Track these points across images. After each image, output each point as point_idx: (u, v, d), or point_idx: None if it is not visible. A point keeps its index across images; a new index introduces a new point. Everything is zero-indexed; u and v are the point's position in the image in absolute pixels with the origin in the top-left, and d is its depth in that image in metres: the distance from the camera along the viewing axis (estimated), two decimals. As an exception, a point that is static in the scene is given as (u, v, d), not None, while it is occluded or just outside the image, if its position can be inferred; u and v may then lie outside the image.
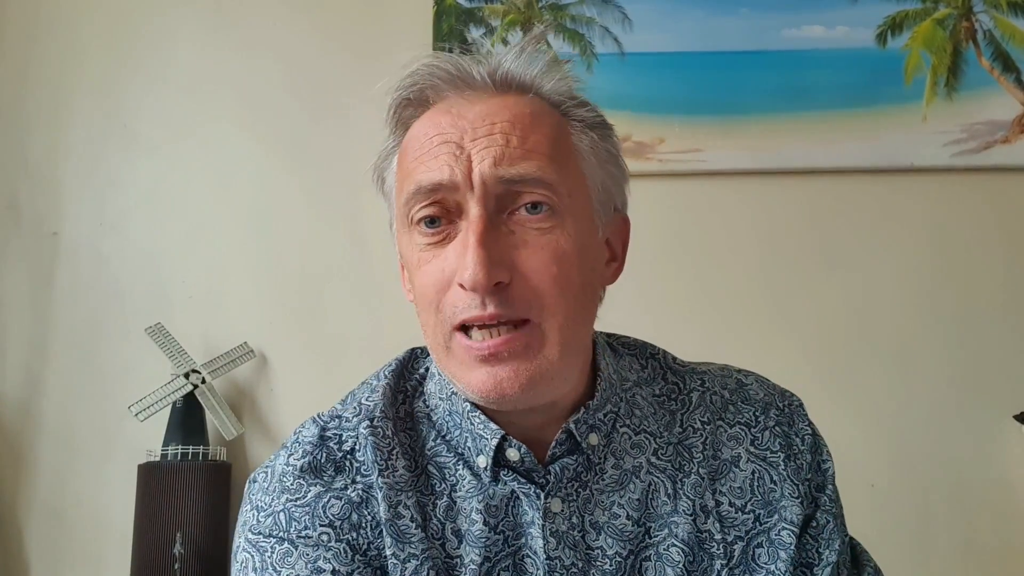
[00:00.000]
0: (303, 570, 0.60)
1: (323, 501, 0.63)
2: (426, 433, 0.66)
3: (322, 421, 0.67)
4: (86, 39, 1.88)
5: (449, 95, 0.63)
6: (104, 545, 1.70)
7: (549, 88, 0.64)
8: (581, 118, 0.65)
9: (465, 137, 0.59)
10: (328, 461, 0.64)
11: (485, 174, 0.58)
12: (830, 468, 0.70)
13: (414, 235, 0.61)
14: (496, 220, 0.58)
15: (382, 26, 1.83)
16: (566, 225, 0.59)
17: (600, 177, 0.65)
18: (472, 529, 0.62)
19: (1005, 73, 1.74)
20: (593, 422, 0.64)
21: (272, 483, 0.64)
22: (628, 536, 0.63)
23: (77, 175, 1.85)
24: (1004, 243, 1.71)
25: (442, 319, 0.59)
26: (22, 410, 1.78)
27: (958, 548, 1.62)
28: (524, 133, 0.59)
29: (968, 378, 1.66)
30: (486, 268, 0.55)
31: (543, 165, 0.59)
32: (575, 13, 1.80)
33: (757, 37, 1.78)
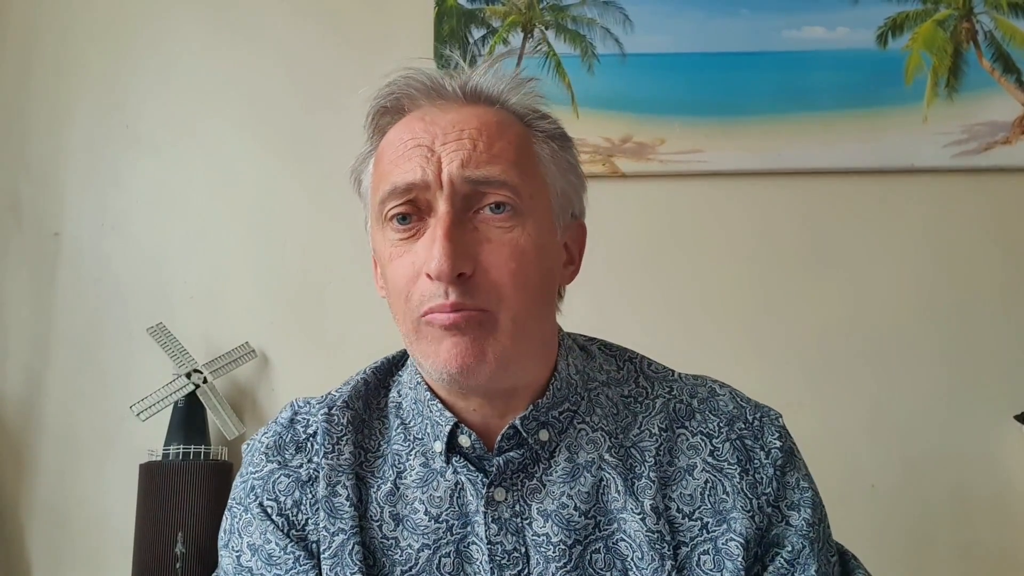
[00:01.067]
0: (257, 539, 0.68)
1: (274, 477, 0.71)
2: (391, 423, 0.73)
3: (297, 405, 0.75)
4: (87, 39, 1.89)
5: (423, 104, 0.69)
6: (105, 545, 1.71)
7: (515, 101, 0.70)
8: (543, 129, 0.71)
9: (436, 141, 0.65)
10: (291, 441, 0.72)
11: (453, 174, 0.63)
12: (808, 492, 0.69)
13: (387, 231, 0.67)
14: (462, 217, 0.64)
15: (383, 27, 1.84)
16: (526, 225, 0.65)
17: (560, 184, 0.70)
18: (413, 517, 0.67)
19: (1006, 74, 1.75)
20: (545, 419, 0.69)
21: (248, 455, 0.74)
22: (575, 526, 0.66)
23: (78, 175, 1.85)
24: (1004, 244, 1.71)
25: (411, 307, 0.65)
26: (23, 410, 1.78)
27: (959, 549, 1.62)
28: (490, 139, 0.65)
29: (968, 379, 1.67)
30: (451, 259, 0.61)
31: (507, 169, 0.64)
32: (576, 14, 1.80)
33: (758, 38, 1.78)
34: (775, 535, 0.67)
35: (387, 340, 1.85)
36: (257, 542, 0.68)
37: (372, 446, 0.72)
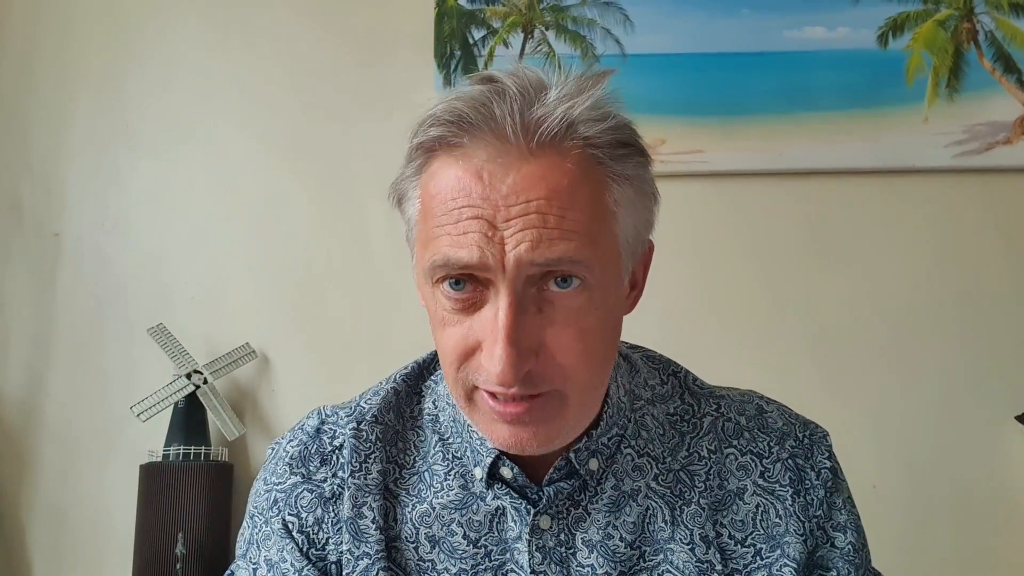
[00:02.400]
0: (275, 555, 0.65)
1: (297, 491, 0.66)
2: (429, 436, 0.68)
3: (324, 414, 0.70)
4: (87, 39, 1.89)
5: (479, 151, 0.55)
6: (106, 545, 1.71)
7: (592, 138, 0.57)
8: (623, 172, 0.59)
9: (498, 216, 0.53)
10: (316, 453, 0.67)
11: (521, 259, 0.53)
12: (853, 515, 0.68)
13: (437, 294, 0.57)
14: (525, 299, 0.55)
15: (383, 27, 1.83)
16: (594, 298, 0.56)
17: (631, 224, 0.60)
18: (450, 539, 0.63)
19: (1006, 74, 1.74)
20: (596, 447, 0.64)
21: (272, 461, 0.69)
22: (620, 557, 0.63)
23: (79, 176, 1.85)
24: (1005, 244, 1.71)
25: (463, 377, 0.58)
26: (24, 410, 1.78)
27: (960, 549, 1.61)
28: (562, 211, 0.54)
29: (970, 379, 1.66)
30: (515, 368, 0.53)
31: (580, 246, 0.54)
32: (576, 15, 1.80)
33: (758, 38, 1.78)
34: (819, 556, 0.65)
35: (387, 340, 1.86)
36: (274, 558, 0.65)
37: (407, 461, 0.67)
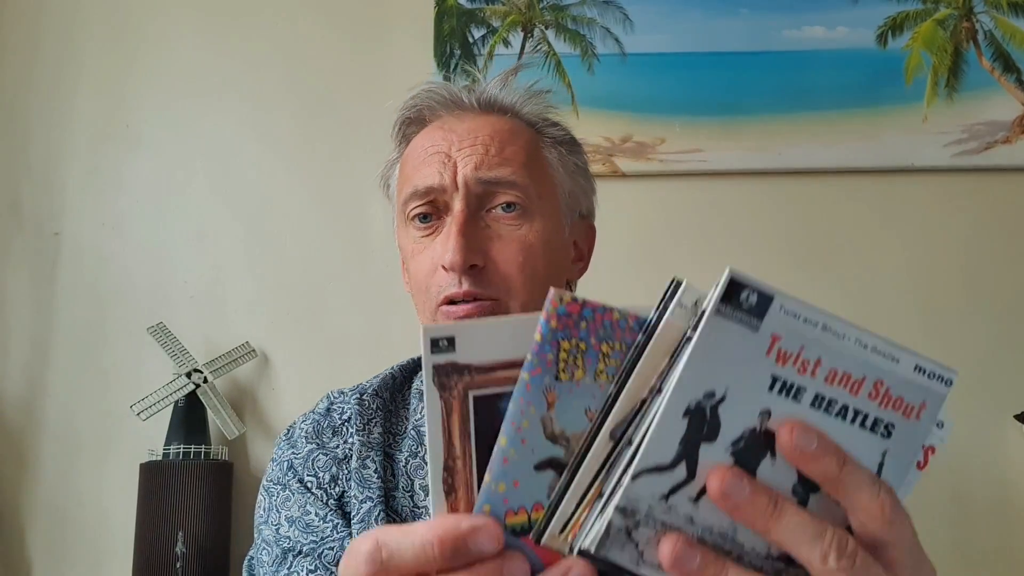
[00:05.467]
0: (295, 511, 0.74)
1: (313, 456, 0.77)
2: (416, 405, 0.80)
3: (332, 396, 0.82)
4: (87, 39, 1.89)
5: (443, 114, 0.78)
6: (106, 544, 1.71)
7: (527, 111, 0.79)
8: (552, 135, 0.79)
9: (453, 147, 0.73)
10: (328, 427, 0.79)
11: (467, 176, 0.72)
12: None
13: (410, 229, 0.75)
14: (475, 216, 0.72)
15: (383, 26, 1.84)
16: (534, 223, 0.73)
17: (568, 185, 0.79)
18: None
19: (1006, 74, 1.75)
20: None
21: (285, 441, 0.81)
22: None
23: (79, 175, 1.85)
24: (1005, 243, 1.71)
25: (430, 297, 0.72)
26: (24, 409, 1.78)
27: (958, 548, 1.62)
28: (502, 145, 0.73)
29: (968, 378, 1.65)
30: (463, 252, 0.69)
31: (516, 171, 0.73)
32: (576, 14, 1.80)
33: (758, 38, 1.78)
34: None
35: (387, 340, 1.86)
36: (295, 515, 0.74)
37: (400, 429, 0.79)
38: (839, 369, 0.38)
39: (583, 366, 0.39)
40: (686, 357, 0.36)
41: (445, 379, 0.40)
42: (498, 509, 0.39)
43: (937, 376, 0.41)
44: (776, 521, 0.37)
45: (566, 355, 0.39)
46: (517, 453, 0.39)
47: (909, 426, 0.40)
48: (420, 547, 0.37)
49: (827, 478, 0.37)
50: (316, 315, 1.77)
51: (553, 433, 0.39)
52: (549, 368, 0.39)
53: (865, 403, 0.39)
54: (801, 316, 0.38)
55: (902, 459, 0.40)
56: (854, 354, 0.39)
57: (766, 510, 0.36)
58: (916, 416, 0.40)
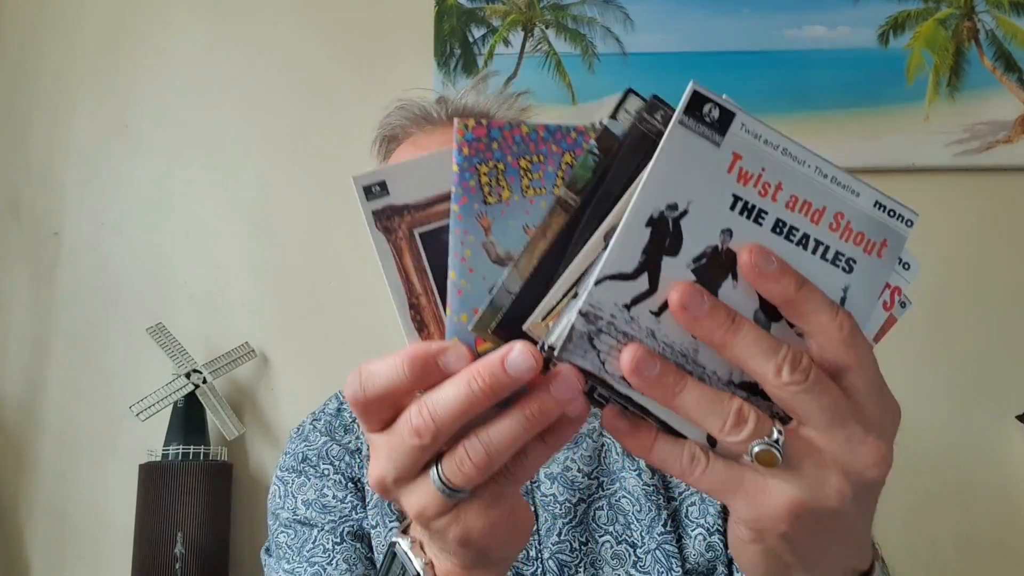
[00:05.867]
0: (311, 494, 0.78)
1: (327, 446, 0.81)
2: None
3: (341, 396, 0.86)
4: (87, 39, 1.88)
5: (414, 131, 0.82)
6: (105, 545, 1.70)
7: (498, 116, 0.81)
8: None
9: None
10: (340, 425, 0.83)
11: None
12: None
13: None
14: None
15: (383, 26, 1.83)
16: None
17: None
18: None
19: (1007, 73, 1.74)
20: None
21: (297, 437, 0.84)
22: (579, 486, 0.74)
23: (78, 175, 1.85)
24: (1006, 243, 1.71)
25: None
26: (23, 410, 1.78)
27: (960, 549, 1.61)
28: None
29: (970, 378, 1.66)
30: None
31: None
32: (576, 13, 1.80)
33: (758, 37, 1.77)
34: None
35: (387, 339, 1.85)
36: (311, 497, 0.78)
37: None
38: (800, 196, 0.39)
39: (507, 185, 0.40)
40: (650, 166, 0.37)
41: (387, 222, 0.41)
42: (467, 338, 0.39)
43: (898, 215, 0.41)
44: (733, 335, 0.37)
45: (487, 178, 0.40)
46: (469, 283, 0.39)
47: (871, 263, 0.40)
48: (390, 367, 0.38)
49: (785, 299, 0.37)
50: (316, 315, 1.77)
51: (498, 256, 0.40)
52: (474, 195, 0.40)
53: (826, 234, 0.39)
54: (762, 137, 0.38)
55: (864, 295, 0.40)
56: (814, 182, 0.39)
57: (723, 324, 0.37)
58: (878, 253, 0.40)
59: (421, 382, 0.39)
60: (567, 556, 0.71)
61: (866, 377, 0.39)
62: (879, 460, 0.39)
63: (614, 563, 0.71)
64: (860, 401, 0.39)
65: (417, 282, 0.41)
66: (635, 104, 0.40)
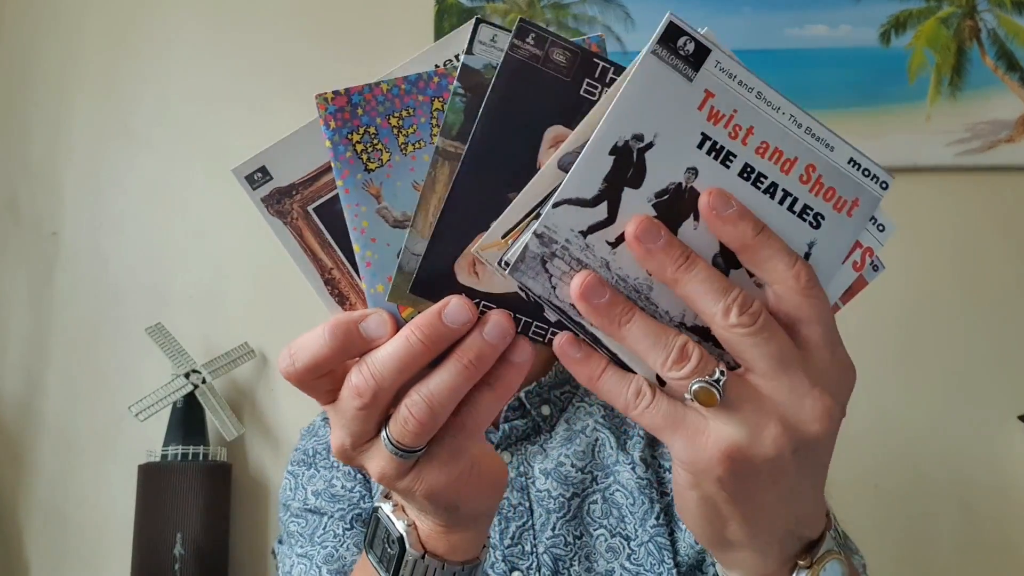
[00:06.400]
0: (320, 485, 0.79)
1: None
2: None
3: None
4: (86, 39, 1.88)
5: None
6: (104, 545, 1.70)
7: None
8: None
9: None
10: None
11: None
12: None
13: None
14: None
15: (383, 25, 1.83)
16: None
17: None
18: None
19: (1009, 72, 1.74)
20: (547, 396, 0.78)
21: (308, 432, 0.87)
22: (572, 481, 0.74)
23: (77, 175, 1.84)
24: (1008, 243, 1.70)
25: None
26: (22, 410, 1.77)
27: (962, 549, 1.61)
28: None
29: (972, 379, 1.66)
30: None
31: None
32: (577, 12, 1.80)
33: (760, 36, 1.77)
34: None
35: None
36: (320, 487, 0.79)
37: None
38: (771, 143, 0.38)
39: (384, 147, 0.40)
40: (618, 94, 0.36)
41: (279, 206, 0.40)
42: (389, 308, 0.39)
43: (873, 175, 0.40)
44: (685, 272, 0.36)
45: (362, 146, 0.39)
46: (375, 252, 0.39)
47: (840, 221, 0.39)
48: (314, 337, 0.39)
49: (742, 244, 0.37)
50: (315, 316, 1.76)
51: (396, 219, 0.39)
52: (354, 165, 0.39)
53: (795, 185, 0.38)
54: (737, 77, 0.38)
55: (830, 253, 0.39)
56: (788, 130, 0.38)
57: (677, 260, 0.36)
58: (848, 212, 0.39)
59: (345, 351, 0.39)
60: (561, 550, 0.72)
61: (820, 331, 0.38)
62: (823, 414, 0.37)
63: (608, 556, 0.71)
64: (811, 354, 0.38)
65: (326, 257, 0.41)
66: (488, 34, 0.40)
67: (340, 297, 0.42)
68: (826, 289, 0.39)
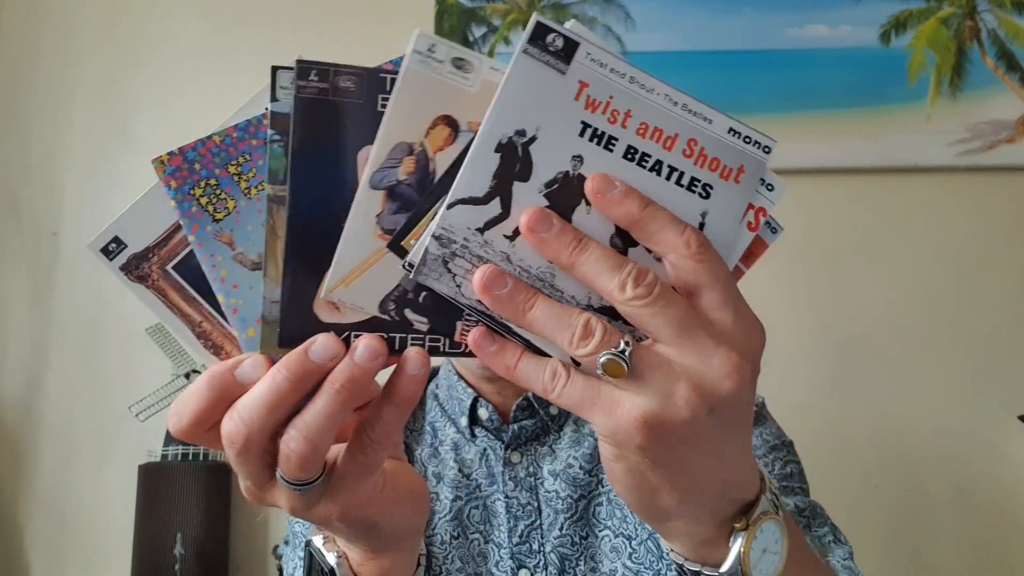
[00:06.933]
0: None
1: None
2: (431, 404, 0.85)
3: None
4: (86, 39, 1.88)
5: None
6: (104, 546, 1.70)
7: None
8: None
9: None
10: None
11: None
12: (772, 437, 0.79)
13: None
14: None
15: (383, 25, 1.83)
16: None
17: None
18: (448, 474, 0.78)
19: (1009, 72, 1.74)
20: None
21: None
22: (580, 483, 0.75)
23: (77, 175, 1.84)
24: (1008, 243, 1.70)
25: None
26: (23, 410, 1.77)
27: (962, 549, 1.61)
28: None
29: (973, 379, 1.66)
30: None
31: None
32: (577, 12, 1.80)
33: (760, 36, 1.77)
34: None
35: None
36: None
37: (416, 426, 0.84)
38: (650, 123, 0.39)
39: (228, 195, 0.41)
40: (496, 95, 0.37)
41: (138, 271, 0.41)
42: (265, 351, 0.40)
43: (755, 142, 0.41)
44: (580, 254, 0.37)
45: (206, 199, 0.40)
46: (239, 298, 0.40)
47: (728, 188, 0.40)
48: (195, 390, 0.39)
49: (631, 221, 0.38)
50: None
51: (254, 263, 0.40)
52: (201, 219, 0.40)
53: (679, 160, 0.39)
54: (608, 65, 0.39)
55: (724, 220, 0.40)
56: (664, 109, 0.40)
57: (570, 244, 0.38)
58: (735, 179, 0.40)
59: (224, 400, 0.39)
60: (568, 549, 0.74)
61: (719, 293, 0.39)
62: (731, 371, 0.37)
63: (612, 556, 0.73)
64: (713, 317, 0.39)
65: (193, 312, 0.42)
66: (287, 78, 0.40)
67: (214, 348, 0.42)
68: (729, 253, 0.41)
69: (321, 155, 0.39)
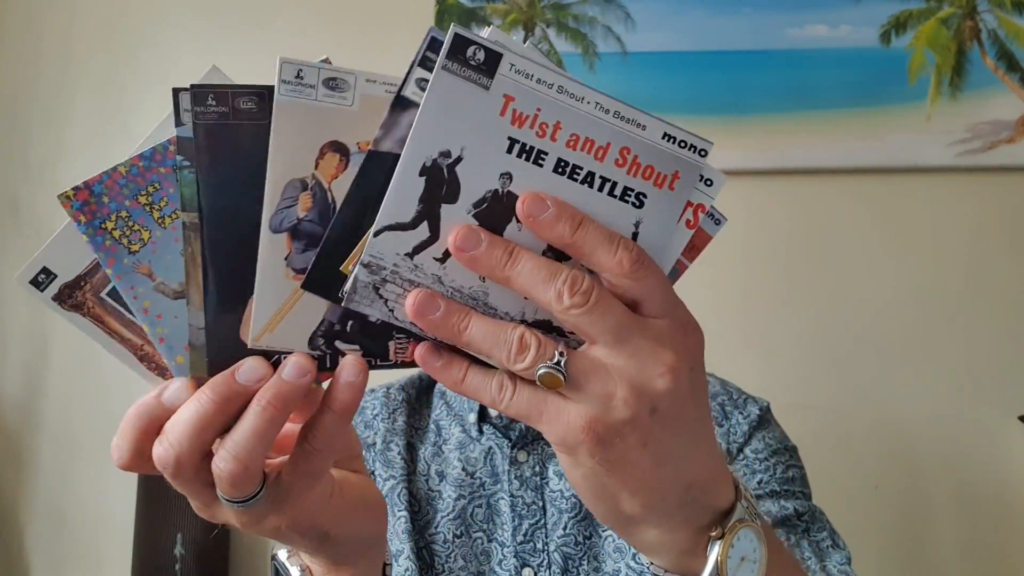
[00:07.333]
0: None
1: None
2: (437, 402, 0.87)
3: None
4: (87, 39, 1.88)
5: None
6: (105, 546, 1.70)
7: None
8: None
9: None
10: (360, 422, 0.86)
11: None
12: (775, 441, 0.80)
13: None
14: None
15: (383, 25, 1.83)
16: None
17: None
18: (452, 472, 0.80)
19: (1010, 72, 1.74)
20: None
21: None
22: None
23: (78, 175, 1.83)
24: (1008, 243, 1.70)
25: None
26: (23, 410, 1.77)
27: (963, 550, 1.61)
28: None
29: (973, 379, 1.66)
30: None
31: None
32: (577, 12, 1.80)
33: (760, 36, 1.77)
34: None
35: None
36: None
37: (421, 424, 0.86)
38: (581, 134, 0.38)
39: (142, 226, 0.40)
40: (417, 116, 0.36)
41: (71, 300, 0.42)
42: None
43: (690, 146, 0.40)
44: (512, 267, 0.37)
45: (118, 232, 0.40)
46: (164, 327, 0.40)
47: (662, 195, 0.40)
48: (127, 422, 0.40)
49: (564, 243, 0.38)
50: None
51: (176, 291, 0.40)
52: (116, 252, 0.40)
53: (612, 170, 0.39)
54: (534, 76, 0.37)
55: (659, 227, 0.40)
56: (595, 118, 0.38)
57: (502, 258, 0.37)
58: (669, 186, 0.40)
59: (155, 426, 0.40)
60: (572, 549, 0.74)
61: (656, 303, 0.39)
62: (665, 370, 0.38)
63: (615, 556, 0.73)
64: (649, 322, 0.39)
65: (133, 336, 0.42)
66: (187, 101, 0.40)
67: (159, 370, 0.42)
68: (664, 256, 0.41)
69: (229, 182, 0.38)
